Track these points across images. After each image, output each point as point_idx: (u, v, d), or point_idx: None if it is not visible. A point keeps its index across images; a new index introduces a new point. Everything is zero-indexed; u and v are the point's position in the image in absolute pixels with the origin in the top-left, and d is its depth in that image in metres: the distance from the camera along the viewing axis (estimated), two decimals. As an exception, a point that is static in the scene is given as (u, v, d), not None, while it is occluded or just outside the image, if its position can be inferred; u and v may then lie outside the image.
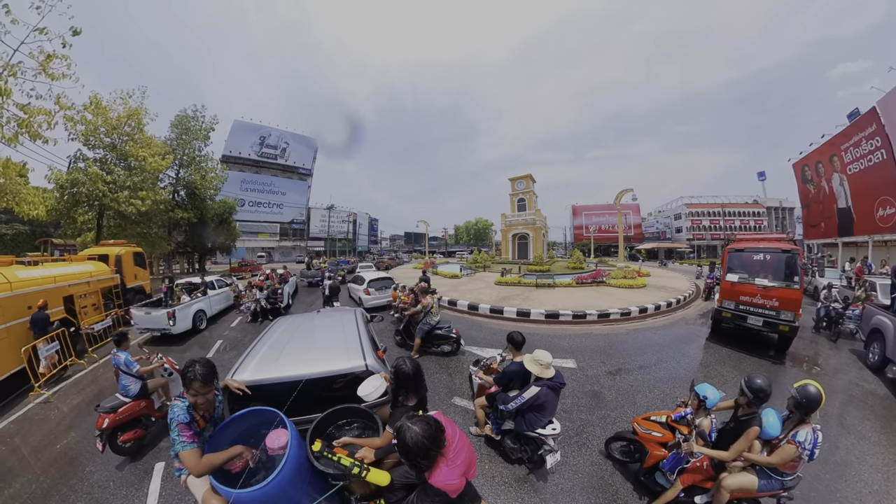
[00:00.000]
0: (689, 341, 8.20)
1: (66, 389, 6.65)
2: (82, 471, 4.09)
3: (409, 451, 1.68)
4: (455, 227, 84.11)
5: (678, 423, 3.14)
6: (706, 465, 2.89)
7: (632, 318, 10.22)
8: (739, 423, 2.85)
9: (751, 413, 2.83)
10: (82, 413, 5.62)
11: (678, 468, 2.97)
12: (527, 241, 30.58)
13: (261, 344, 3.54)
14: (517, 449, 3.67)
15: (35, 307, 7.50)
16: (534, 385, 3.39)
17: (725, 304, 7.94)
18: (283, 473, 1.89)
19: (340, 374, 2.91)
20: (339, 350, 3.20)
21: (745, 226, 52.09)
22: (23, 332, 7.10)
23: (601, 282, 16.24)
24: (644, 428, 3.34)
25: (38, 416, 5.63)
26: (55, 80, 12.58)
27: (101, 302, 9.97)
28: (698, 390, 3.07)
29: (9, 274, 7.44)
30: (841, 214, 23.52)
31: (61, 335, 7.73)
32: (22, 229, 22.55)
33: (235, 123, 57.45)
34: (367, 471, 1.91)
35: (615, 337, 8.43)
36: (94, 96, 17.07)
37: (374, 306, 11.66)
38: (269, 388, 2.82)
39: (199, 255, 31.08)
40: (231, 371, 2.83)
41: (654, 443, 3.21)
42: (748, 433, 2.68)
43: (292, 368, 2.88)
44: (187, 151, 26.01)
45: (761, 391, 2.73)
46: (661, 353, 7.29)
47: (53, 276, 8.54)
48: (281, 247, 60.07)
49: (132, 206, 17.25)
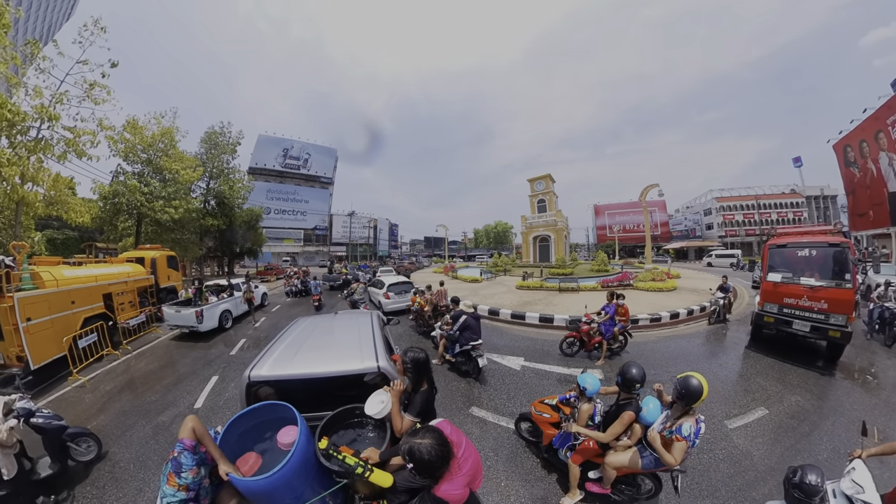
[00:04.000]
0: (727, 350, 7.59)
1: (101, 377, 7.14)
2: (105, 452, 4.27)
3: (423, 470, 1.68)
4: (474, 231, 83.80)
5: (563, 405, 3.48)
6: (593, 444, 3.12)
7: (663, 324, 9.57)
8: (619, 408, 3.08)
9: (628, 398, 3.07)
10: (113, 399, 6.01)
11: (568, 445, 3.28)
12: (548, 244, 29.96)
13: (279, 342, 3.64)
14: (464, 362, 6.28)
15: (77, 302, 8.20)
16: (462, 315, 6.33)
17: (767, 307, 7.20)
18: (289, 466, 1.94)
19: (353, 374, 2.96)
20: (353, 351, 3.28)
21: (783, 219, 47.81)
22: (65, 324, 7.75)
23: (628, 285, 15.57)
24: (538, 410, 3.71)
25: (73, 398, 6.12)
26: (97, 105, 14.00)
27: (136, 300, 10.56)
28: (579, 380, 3.32)
29: (56, 273, 8.14)
30: (893, 199, 20.89)
31: (99, 328, 8.33)
32: (71, 234, 24.66)
33: (260, 137, 60.62)
34: (370, 471, 1.93)
35: (645, 346, 7.88)
36: (131, 118, 19.14)
37: (393, 310, 11.69)
38: (284, 384, 2.98)
39: (229, 259, 32.63)
40: (250, 366, 2.92)
41: (545, 423, 3.60)
42: (622, 417, 2.93)
43: (307, 366, 2.96)
44: (216, 164, 27.70)
45: (632, 380, 2.99)
46: (696, 363, 6.78)
47: (95, 275, 9.15)
48: (305, 252, 61.96)
49: (167, 214, 18.82)
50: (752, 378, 5.99)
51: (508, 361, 6.95)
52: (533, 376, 6.31)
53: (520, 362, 6.95)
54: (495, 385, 5.96)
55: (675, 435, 2.60)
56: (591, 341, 6.97)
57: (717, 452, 3.91)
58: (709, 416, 4.72)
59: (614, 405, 3.22)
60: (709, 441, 4.07)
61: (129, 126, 18.72)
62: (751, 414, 4.69)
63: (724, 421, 4.51)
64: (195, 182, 22.97)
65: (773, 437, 4.15)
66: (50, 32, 55.30)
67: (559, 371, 6.49)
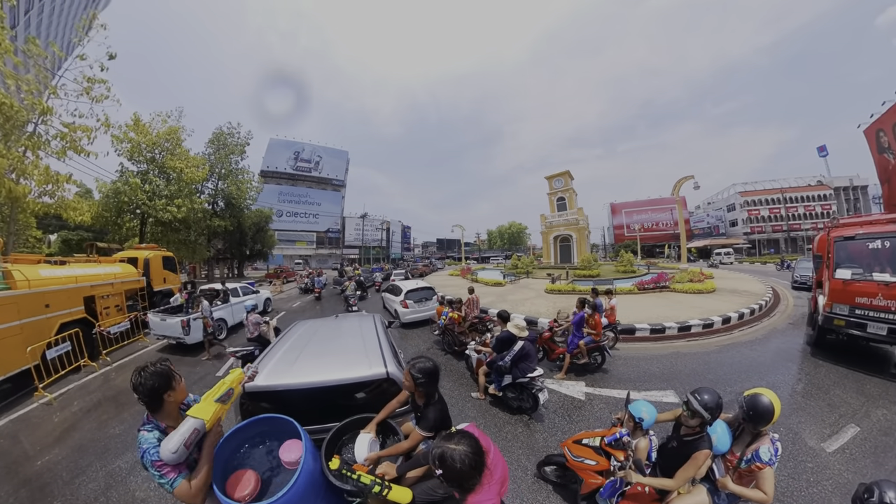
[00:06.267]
0: (793, 358, 6.78)
1: (72, 393, 6.31)
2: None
3: (453, 479, 1.52)
4: (487, 232, 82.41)
5: (613, 448, 2.77)
6: (649, 490, 2.53)
7: (716, 331, 8.55)
8: (684, 445, 2.42)
9: (698, 434, 2.37)
10: (76, 425, 5.06)
11: (618, 493, 2.61)
12: (569, 243, 28.28)
13: (276, 349, 3.42)
14: (516, 397, 4.72)
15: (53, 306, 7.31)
16: (519, 341, 4.59)
17: (837, 308, 6.33)
18: (296, 489, 1.76)
19: (360, 382, 2.78)
20: (358, 356, 3.09)
21: (811, 213, 44.88)
22: (38, 330, 6.84)
23: (664, 286, 14.26)
24: (575, 454, 3.00)
25: (36, 418, 5.36)
26: (97, 102, 13.46)
27: (124, 304, 9.61)
28: (633, 410, 2.74)
29: (29, 272, 7.23)
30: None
31: (75, 336, 7.38)
32: (86, 235, 24.74)
33: (271, 141, 61.11)
34: (388, 489, 1.86)
35: (708, 356, 6.93)
36: (135, 116, 18.90)
37: (413, 321, 10.08)
38: (282, 395, 2.70)
39: (239, 261, 32.15)
40: (245, 377, 2.59)
41: (588, 471, 2.89)
42: (697, 458, 2.29)
43: (309, 375, 2.77)
44: (224, 165, 27.26)
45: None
46: (768, 375, 5.98)
47: (75, 276, 8.24)
48: (317, 254, 61.76)
49: (168, 213, 18.25)
50: (830, 390, 5.32)
51: (566, 388, 5.55)
52: (603, 406, 4.98)
53: (581, 388, 5.58)
54: (558, 423, 4.58)
55: (756, 463, 2.25)
56: (555, 351, 6.41)
57: (825, 484, 3.31)
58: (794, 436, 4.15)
59: (674, 440, 2.56)
60: (813, 471, 3.51)
61: (133, 125, 18.50)
62: (843, 433, 4.16)
63: (820, 444, 3.97)
64: (201, 182, 22.49)
65: (874, 460, 3.68)
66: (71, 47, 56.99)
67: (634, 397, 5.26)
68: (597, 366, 6.26)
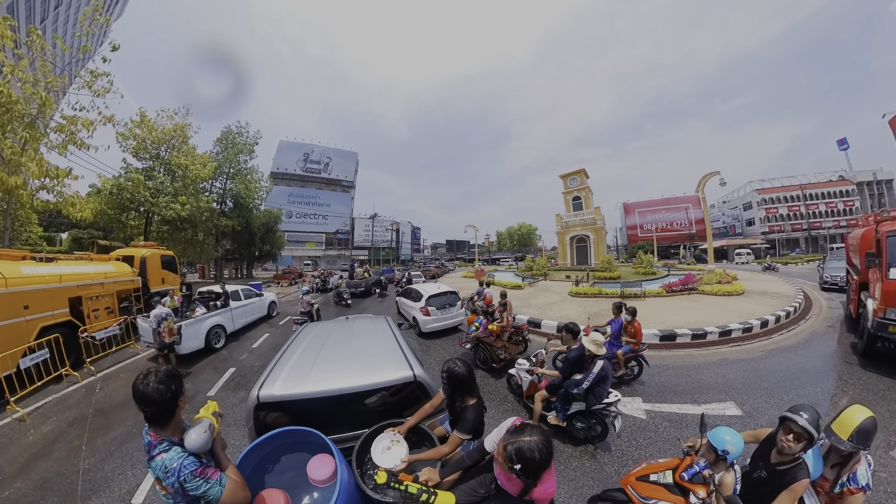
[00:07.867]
0: (842, 366, 6.19)
1: (49, 408, 5.62)
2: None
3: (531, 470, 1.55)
4: (497, 234, 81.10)
5: (692, 483, 2.11)
6: None
7: (756, 335, 8.00)
8: (777, 475, 2.04)
9: (796, 461, 2.00)
10: (44, 451, 4.33)
11: None
12: (586, 244, 27.08)
13: (288, 354, 3.23)
14: (585, 427, 3.92)
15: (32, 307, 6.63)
16: (598, 360, 3.72)
17: (892, 313, 5.71)
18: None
19: (386, 387, 2.59)
20: (380, 359, 2.93)
21: (832, 210, 42.28)
22: (12, 335, 6.18)
23: (692, 288, 13.43)
24: (642, 494, 2.32)
25: (4, 437, 4.74)
26: (99, 96, 12.98)
27: (116, 306, 8.87)
28: (714, 441, 2.07)
29: (8, 269, 6.58)
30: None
31: (54, 341, 6.66)
32: (96, 234, 24.76)
33: (281, 143, 61.29)
34: (434, 496, 1.78)
35: (756, 363, 6.35)
36: (141, 112, 18.50)
37: (436, 330, 8.96)
38: (301, 405, 2.47)
39: (247, 261, 31.73)
40: (257, 385, 2.52)
41: None
42: (795, 490, 1.94)
43: (329, 381, 2.56)
44: (233, 164, 26.91)
45: (818, 428, 1.93)
46: (822, 382, 5.47)
47: (59, 274, 7.53)
48: (327, 255, 61.48)
49: (172, 211, 17.70)
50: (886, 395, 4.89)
51: (623, 405, 4.66)
52: (667, 426, 4.30)
53: (639, 405, 4.83)
54: (625, 448, 3.92)
55: (849, 486, 1.97)
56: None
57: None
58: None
59: (762, 469, 2.18)
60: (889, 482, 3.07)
61: (139, 122, 18.15)
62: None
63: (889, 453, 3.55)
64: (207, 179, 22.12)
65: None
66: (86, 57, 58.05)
67: (693, 411, 4.58)
68: (633, 377, 5.61)
